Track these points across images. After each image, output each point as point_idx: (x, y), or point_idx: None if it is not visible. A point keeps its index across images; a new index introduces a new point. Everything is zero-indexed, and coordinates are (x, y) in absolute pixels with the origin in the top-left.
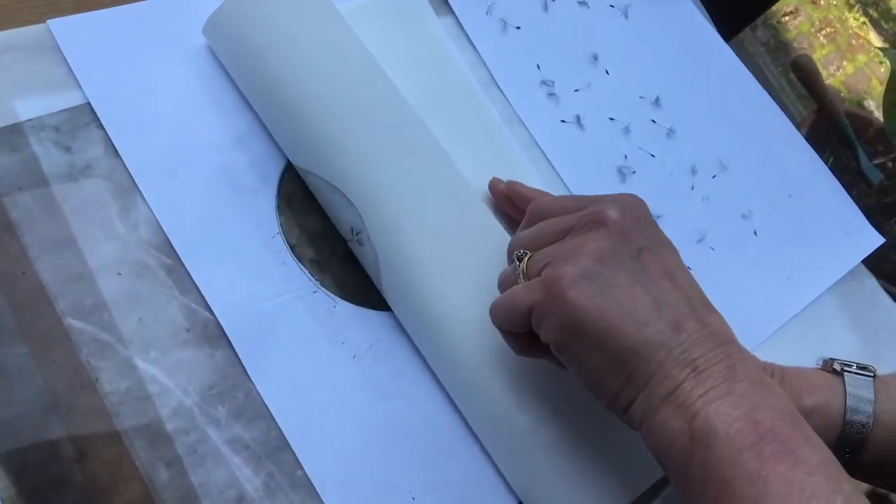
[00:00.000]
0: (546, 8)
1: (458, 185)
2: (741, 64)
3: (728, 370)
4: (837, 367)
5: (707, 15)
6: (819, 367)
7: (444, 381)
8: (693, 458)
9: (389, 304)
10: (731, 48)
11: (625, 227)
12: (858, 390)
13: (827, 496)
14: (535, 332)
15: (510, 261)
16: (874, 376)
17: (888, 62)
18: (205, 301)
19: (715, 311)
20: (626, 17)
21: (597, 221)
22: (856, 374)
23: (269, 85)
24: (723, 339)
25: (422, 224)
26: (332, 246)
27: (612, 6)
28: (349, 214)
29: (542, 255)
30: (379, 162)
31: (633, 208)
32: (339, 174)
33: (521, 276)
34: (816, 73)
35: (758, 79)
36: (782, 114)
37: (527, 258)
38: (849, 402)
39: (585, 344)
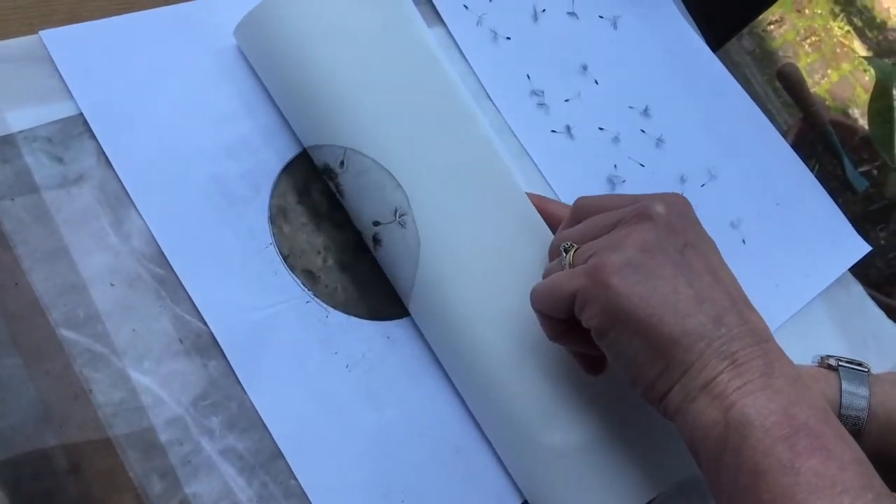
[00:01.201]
0: (536, 18)
1: (505, 180)
2: (728, 74)
3: (766, 366)
4: (833, 362)
5: (695, 26)
6: (815, 364)
7: (460, 373)
8: (727, 446)
9: (409, 294)
10: (718, 56)
11: (670, 222)
12: (853, 385)
13: (857, 491)
14: (572, 320)
15: (553, 256)
16: (868, 372)
17: (873, 71)
18: (197, 311)
19: (754, 310)
20: (615, 27)
21: (643, 216)
22: (851, 368)
23: (320, 72)
24: (762, 336)
25: (467, 210)
26: (325, 256)
27: (602, 17)
28: (395, 195)
29: (588, 246)
30: (430, 147)
31: (679, 205)
32: (390, 155)
33: (566, 266)
34: (802, 82)
35: (744, 87)
36: (769, 123)
37: (573, 250)
38: (844, 395)
39: (626, 331)
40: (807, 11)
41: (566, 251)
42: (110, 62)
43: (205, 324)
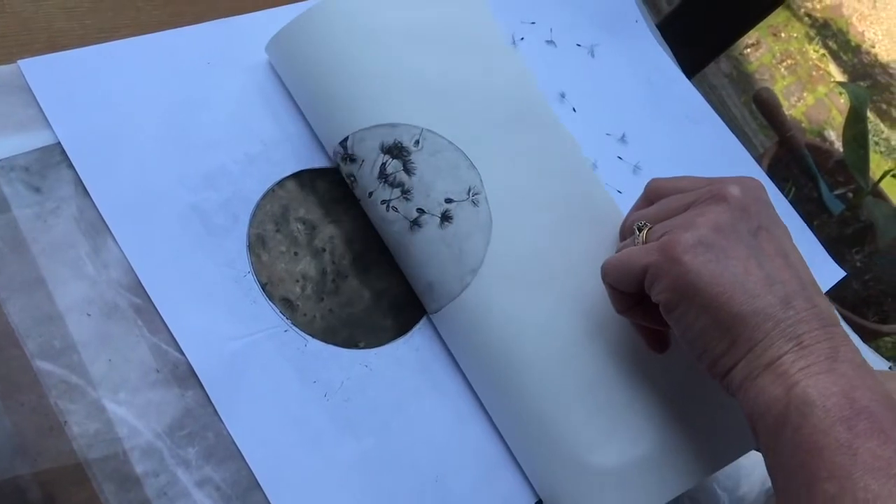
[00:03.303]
0: (514, 46)
1: (576, 161)
2: (704, 101)
3: (831, 350)
4: None
5: (671, 53)
6: None
7: (506, 359)
8: (787, 423)
9: (476, 271)
10: (695, 80)
11: (745, 204)
12: None
13: None
14: (640, 295)
15: (624, 236)
16: None
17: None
18: (175, 341)
19: (823, 296)
20: (593, 55)
21: (718, 197)
22: None
23: (399, 60)
24: (830, 321)
25: (538, 191)
26: (303, 284)
27: (579, 45)
28: (469, 175)
29: (661, 226)
30: (503, 130)
31: (754, 189)
32: (465, 138)
33: (639, 244)
34: (778, 107)
35: (721, 110)
36: (744, 150)
37: (646, 229)
38: None
39: (694, 307)
40: (783, 35)
41: (640, 230)
42: (89, 91)
43: (182, 353)
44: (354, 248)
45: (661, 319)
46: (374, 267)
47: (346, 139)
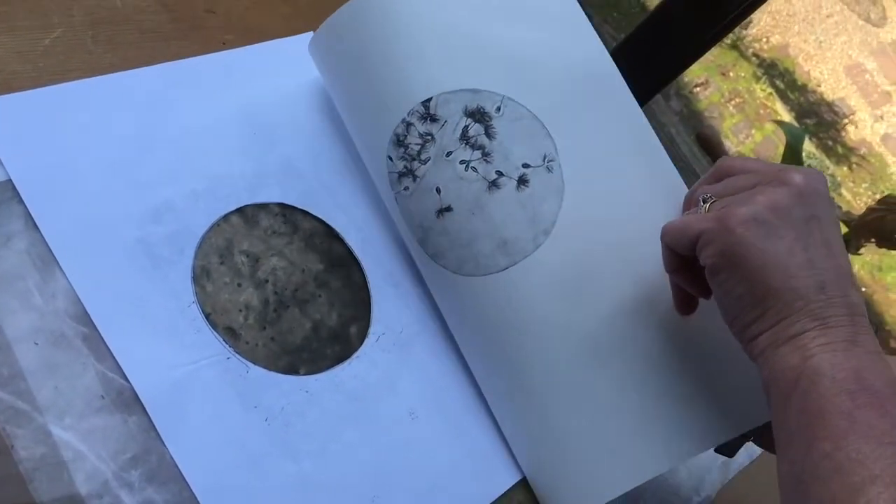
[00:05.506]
0: None
1: (644, 135)
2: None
3: (852, 335)
4: None
5: None
6: None
7: (553, 321)
8: (797, 388)
9: (549, 231)
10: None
11: (804, 192)
12: None
13: None
14: (690, 259)
15: (687, 206)
16: None
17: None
18: (120, 369)
19: (858, 290)
20: None
21: (780, 181)
22: None
23: (473, 33)
24: (856, 311)
25: (607, 162)
26: (246, 314)
27: None
28: (545, 143)
29: (724, 201)
30: (577, 102)
31: (816, 181)
32: (543, 107)
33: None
34: (719, 144)
35: (670, 147)
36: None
37: (711, 202)
38: None
39: (737, 275)
40: (731, 74)
41: (704, 202)
42: (40, 130)
43: (127, 380)
44: (295, 280)
45: (701, 286)
46: (313, 298)
47: (429, 99)
